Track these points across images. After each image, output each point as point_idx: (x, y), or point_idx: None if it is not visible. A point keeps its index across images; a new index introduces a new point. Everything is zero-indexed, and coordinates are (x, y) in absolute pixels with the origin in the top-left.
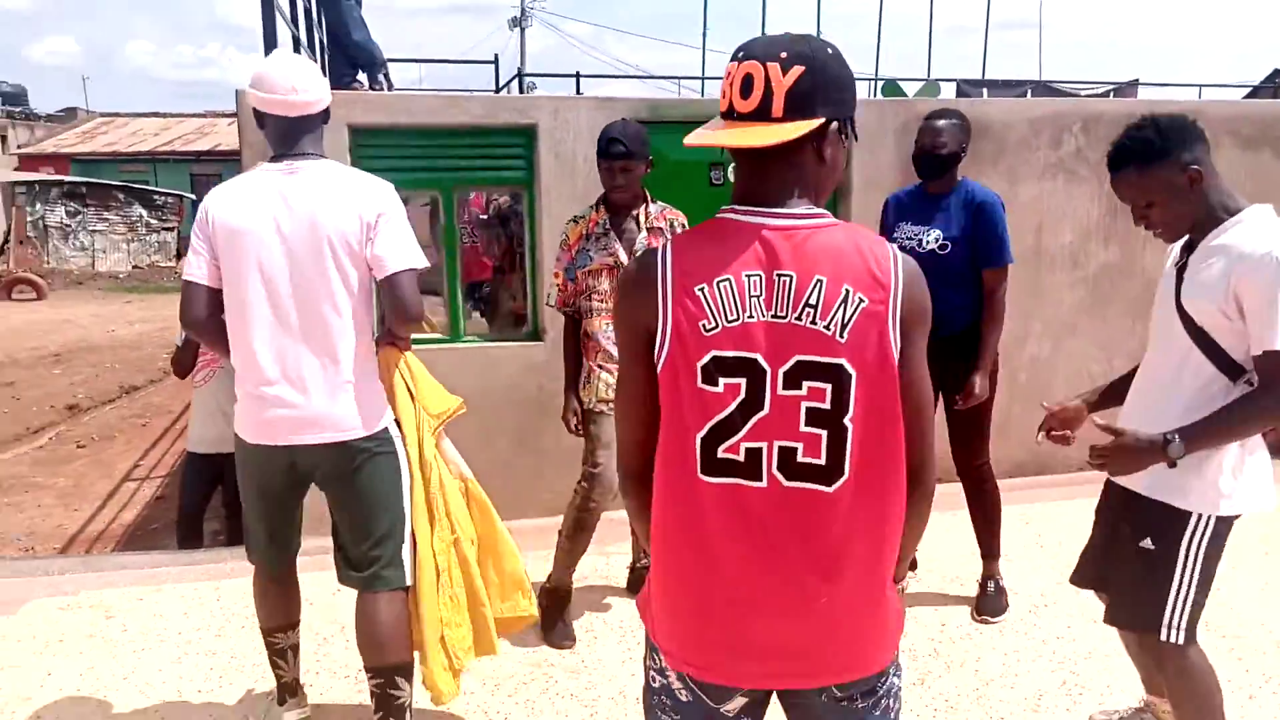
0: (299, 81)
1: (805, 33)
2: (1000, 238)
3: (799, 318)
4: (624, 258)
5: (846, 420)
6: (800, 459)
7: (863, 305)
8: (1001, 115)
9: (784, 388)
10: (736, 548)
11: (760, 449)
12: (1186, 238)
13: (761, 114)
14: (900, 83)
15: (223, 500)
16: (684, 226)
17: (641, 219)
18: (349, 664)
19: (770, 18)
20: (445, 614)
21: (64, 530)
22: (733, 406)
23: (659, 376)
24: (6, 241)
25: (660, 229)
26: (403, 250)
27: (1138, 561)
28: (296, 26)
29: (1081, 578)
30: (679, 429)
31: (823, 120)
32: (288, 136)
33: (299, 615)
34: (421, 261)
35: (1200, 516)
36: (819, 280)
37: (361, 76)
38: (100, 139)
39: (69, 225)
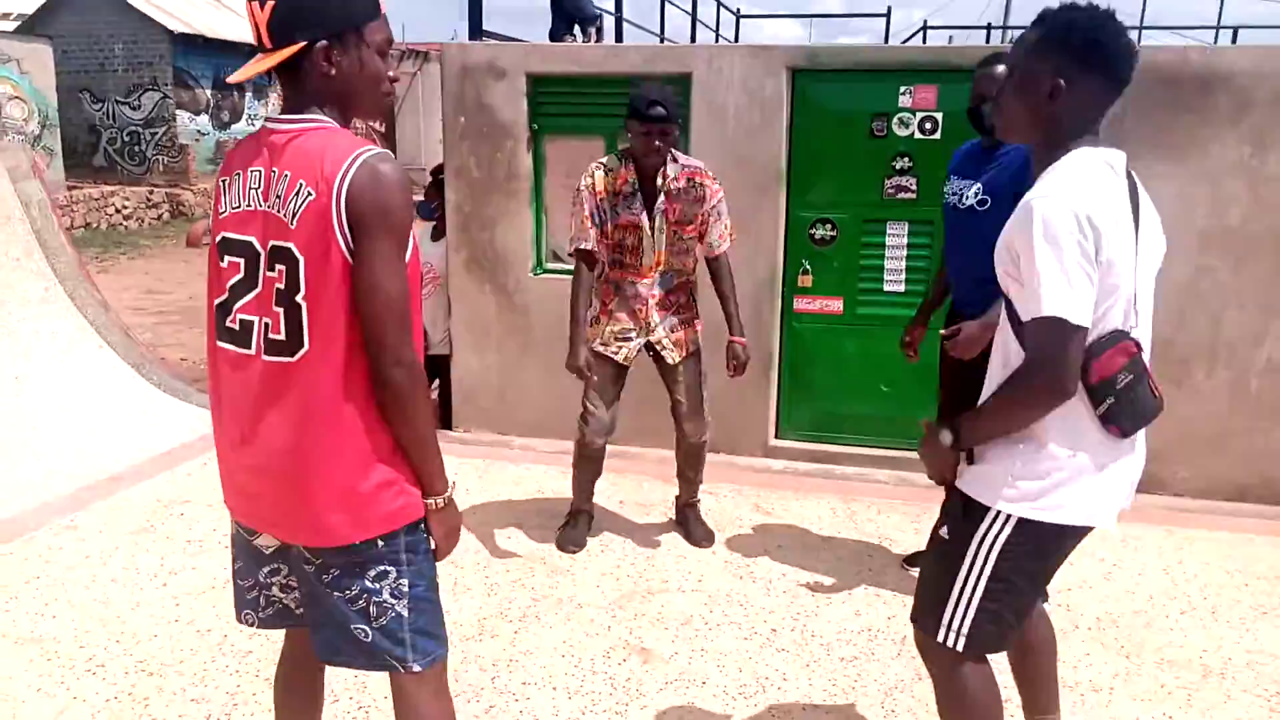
0: None
1: None
2: None
3: (271, 206)
4: (645, 221)
5: (299, 299)
6: (270, 335)
7: (310, 199)
8: (1248, 65)
9: (267, 269)
10: (229, 405)
11: (253, 321)
12: None
13: (262, 46)
14: None
15: (438, 393)
16: (710, 182)
17: (659, 181)
18: None
19: None
20: None
21: None
22: (233, 281)
23: None
24: None
25: (678, 190)
26: None
27: (935, 550)
28: None
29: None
30: (209, 299)
31: (304, 43)
32: None
33: None
34: None
35: (998, 514)
36: (286, 174)
37: (576, 31)
38: None
39: None
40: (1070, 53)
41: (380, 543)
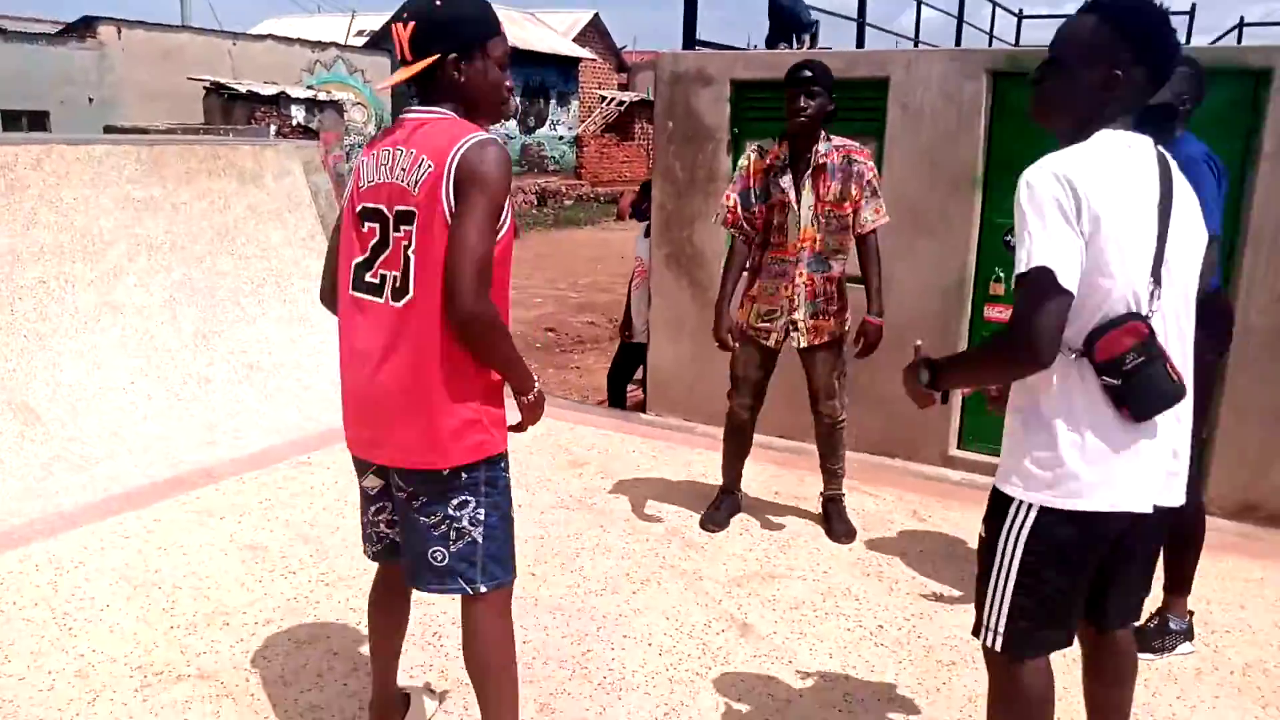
0: None
1: None
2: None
3: (398, 178)
4: (792, 196)
5: (410, 252)
6: (396, 285)
7: (430, 169)
8: None
9: (394, 230)
10: (360, 345)
11: (387, 275)
12: None
13: (404, 59)
14: None
15: (641, 376)
16: (864, 158)
17: (812, 156)
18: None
19: None
20: None
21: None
22: (373, 242)
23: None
24: None
25: (825, 165)
26: None
27: (978, 550)
28: None
29: None
30: (346, 258)
31: (437, 55)
32: None
33: None
34: None
35: (1020, 504)
36: (412, 151)
37: (793, 38)
38: None
39: None
40: (1127, 43)
41: (463, 474)
